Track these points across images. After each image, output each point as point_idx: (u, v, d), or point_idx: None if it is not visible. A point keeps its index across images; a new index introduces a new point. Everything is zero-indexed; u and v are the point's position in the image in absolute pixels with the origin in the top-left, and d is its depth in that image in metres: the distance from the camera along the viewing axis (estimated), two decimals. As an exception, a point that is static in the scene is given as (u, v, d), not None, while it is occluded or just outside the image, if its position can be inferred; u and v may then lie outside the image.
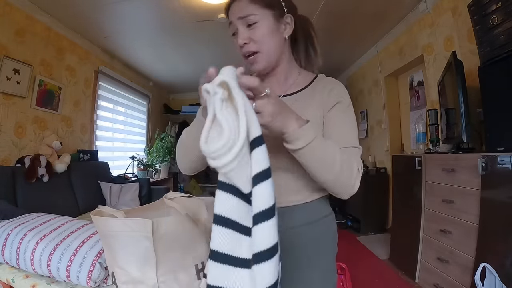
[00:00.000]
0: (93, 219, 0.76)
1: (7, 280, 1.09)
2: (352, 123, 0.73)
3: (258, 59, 0.71)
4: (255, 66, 0.72)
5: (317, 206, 0.75)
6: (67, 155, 2.48)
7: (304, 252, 0.72)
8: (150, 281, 0.76)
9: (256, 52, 0.70)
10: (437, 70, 2.37)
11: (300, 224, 0.73)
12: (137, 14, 2.61)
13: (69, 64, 2.90)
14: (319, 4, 2.46)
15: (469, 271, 1.51)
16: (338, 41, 3.38)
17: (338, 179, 0.61)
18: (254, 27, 0.68)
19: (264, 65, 0.72)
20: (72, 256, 1.00)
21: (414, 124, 2.84)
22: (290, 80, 0.78)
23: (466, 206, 1.58)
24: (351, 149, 0.67)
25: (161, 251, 0.76)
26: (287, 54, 0.77)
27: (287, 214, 0.71)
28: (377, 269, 2.41)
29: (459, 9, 2.12)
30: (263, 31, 0.68)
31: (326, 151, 0.59)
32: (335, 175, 0.60)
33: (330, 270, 0.77)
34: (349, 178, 0.62)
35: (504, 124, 1.43)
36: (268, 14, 0.69)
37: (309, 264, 0.72)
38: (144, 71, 4.34)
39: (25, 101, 2.37)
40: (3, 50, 2.15)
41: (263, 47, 0.69)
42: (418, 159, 2.06)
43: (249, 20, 0.68)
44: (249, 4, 0.68)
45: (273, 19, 0.69)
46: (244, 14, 0.68)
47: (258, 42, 0.69)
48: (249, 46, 0.69)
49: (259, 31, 0.68)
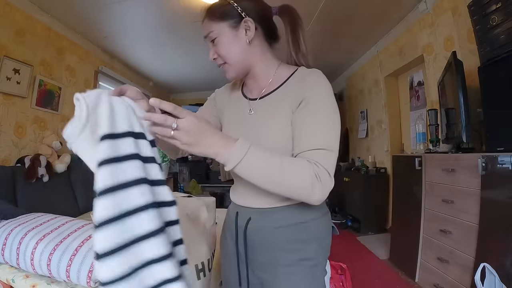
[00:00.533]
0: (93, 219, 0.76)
1: (7, 280, 1.09)
2: (321, 121, 0.65)
3: (227, 69, 0.75)
4: (227, 75, 0.76)
5: (292, 211, 0.72)
6: (67, 155, 2.49)
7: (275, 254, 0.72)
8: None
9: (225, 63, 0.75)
10: (437, 70, 2.37)
11: (276, 226, 0.72)
12: (137, 14, 2.61)
13: (69, 64, 2.90)
14: (319, 5, 2.46)
15: (469, 271, 1.51)
16: (338, 41, 3.38)
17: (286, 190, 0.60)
18: (216, 42, 0.72)
19: (235, 74, 0.76)
20: (72, 256, 1.00)
21: (414, 124, 2.84)
22: (267, 80, 0.77)
23: (466, 206, 1.58)
24: (313, 153, 0.61)
25: None
26: (258, 55, 0.75)
27: (266, 215, 0.73)
28: (377, 269, 2.41)
29: (459, 9, 2.12)
30: (223, 44, 0.72)
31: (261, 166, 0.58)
32: (280, 187, 0.59)
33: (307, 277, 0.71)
34: (301, 189, 0.59)
35: (504, 124, 1.43)
36: (224, 26, 0.71)
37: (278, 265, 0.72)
38: (144, 71, 4.35)
39: (25, 101, 2.37)
40: (3, 50, 2.15)
41: (228, 59, 0.73)
42: (418, 159, 2.06)
43: (211, 37, 0.73)
44: (208, 22, 0.73)
45: (230, 29, 0.71)
46: (206, 32, 0.74)
47: (222, 55, 0.73)
48: (217, 60, 0.75)
49: (220, 45, 0.72)
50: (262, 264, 0.75)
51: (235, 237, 0.79)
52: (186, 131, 0.54)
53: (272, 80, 0.76)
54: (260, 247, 0.74)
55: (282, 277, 0.71)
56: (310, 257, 0.71)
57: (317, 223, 0.73)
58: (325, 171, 0.60)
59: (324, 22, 2.79)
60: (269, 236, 0.73)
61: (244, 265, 0.77)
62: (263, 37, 0.76)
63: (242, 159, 0.56)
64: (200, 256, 0.87)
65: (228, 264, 0.83)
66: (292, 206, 0.71)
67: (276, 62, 0.79)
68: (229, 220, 0.84)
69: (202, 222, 0.93)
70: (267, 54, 0.78)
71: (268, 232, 0.73)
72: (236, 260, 0.79)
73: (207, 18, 0.73)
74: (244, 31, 0.72)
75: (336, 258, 1.71)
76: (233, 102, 0.85)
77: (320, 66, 0.75)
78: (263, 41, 0.76)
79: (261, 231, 0.74)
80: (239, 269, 0.79)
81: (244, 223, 0.76)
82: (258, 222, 0.74)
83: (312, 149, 0.62)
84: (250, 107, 0.78)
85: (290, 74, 0.74)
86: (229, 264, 0.83)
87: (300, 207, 0.71)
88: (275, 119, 0.70)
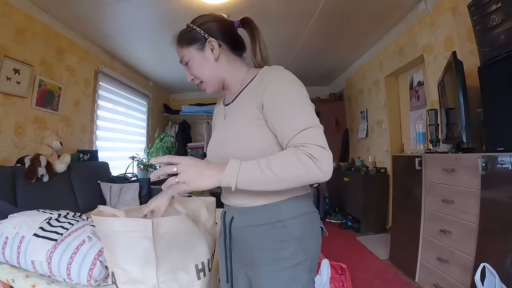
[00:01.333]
0: (93, 219, 0.76)
1: (7, 280, 1.09)
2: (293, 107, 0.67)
3: (204, 86, 0.85)
4: (207, 91, 0.85)
5: (269, 210, 0.73)
6: (67, 155, 2.48)
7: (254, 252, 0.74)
8: (150, 281, 0.76)
9: (201, 82, 0.84)
10: (437, 70, 2.37)
11: (254, 225, 0.74)
12: (137, 14, 2.61)
13: (69, 64, 2.90)
14: (319, 5, 2.47)
15: (469, 271, 1.51)
16: (338, 41, 3.38)
17: (289, 183, 0.62)
18: (189, 65, 0.82)
19: (212, 89, 0.85)
20: (73, 254, 1.00)
21: (414, 124, 2.84)
22: (236, 86, 0.84)
23: (466, 206, 1.58)
24: (298, 137, 0.63)
25: (161, 251, 0.75)
26: (228, 67, 0.83)
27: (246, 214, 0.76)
28: (377, 269, 2.41)
29: (459, 9, 2.12)
30: (195, 66, 0.81)
31: (256, 176, 0.61)
32: (282, 183, 0.61)
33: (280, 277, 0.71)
34: (300, 174, 0.60)
35: (504, 124, 1.43)
36: (192, 50, 0.80)
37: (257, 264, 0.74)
38: (144, 71, 4.35)
39: (25, 101, 2.37)
40: (3, 50, 2.15)
41: (202, 78, 0.82)
42: (418, 159, 2.07)
43: (184, 61, 0.82)
44: (179, 49, 0.82)
45: (197, 51, 0.80)
46: (180, 58, 0.83)
47: (196, 76, 0.83)
48: (194, 80, 0.85)
49: (192, 67, 0.82)
50: (245, 261, 0.79)
51: (223, 234, 0.84)
52: (186, 170, 0.62)
53: (240, 84, 0.83)
54: (242, 245, 0.78)
55: (261, 276, 0.72)
56: (289, 256, 0.71)
57: (295, 222, 0.73)
58: (315, 146, 0.61)
59: (324, 22, 2.80)
60: (248, 235, 0.76)
61: (229, 261, 0.82)
62: (229, 50, 0.83)
63: (238, 177, 0.61)
64: (201, 255, 0.87)
65: (221, 260, 0.88)
66: (270, 205, 0.73)
67: (245, 69, 0.85)
68: (221, 218, 0.89)
69: (202, 222, 0.93)
70: (235, 64, 0.85)
71: (248, 230, 0.76)
72: (224, 257, 0.84)
73: (178, 45, 0.82)
74: (210, 51, 0.80)
75: (336, 258, 1.71)
76: (217, 114, 0.94)
77: (320, 66, 0.77)
78: (230, 54, 0.84)
79: (242, 230, 0.78)
80: (226, 265, 0.84)
81: (228, 221, 0.81)
82: (240, 221, 0.78)
83: (295, 134, 0.64)
84: (225, 113, 0.85)
85: (254, 76, 0.80)
86: (221, 260, 0.88)
87: (276, 206, 0.73)
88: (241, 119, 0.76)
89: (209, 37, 0.79)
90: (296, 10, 2.53)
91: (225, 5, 2.41)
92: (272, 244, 0.72)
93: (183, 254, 0.82)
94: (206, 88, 0.85)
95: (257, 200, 0.73)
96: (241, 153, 0.69)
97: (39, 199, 2.05)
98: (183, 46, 0.81)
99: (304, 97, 0.70)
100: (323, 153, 0.60)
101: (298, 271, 0.72)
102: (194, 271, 0.85)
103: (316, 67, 4.23)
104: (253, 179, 0.61)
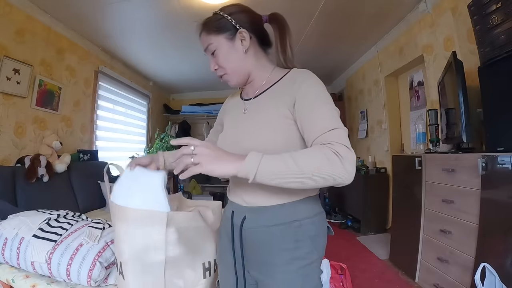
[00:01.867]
0: (110, 205, 0.79)
1: (7, 280, 1.09)
2: (322, 108, 0.68)
3: (228, 78, 0.82)
4: (229, 84, 0.83)
5: (286, 210, 0.73)
6: (67, 155, 2.48)
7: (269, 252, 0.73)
8: (158, 273, 0.76)
9: (225, 74, 0.81)
10: (437, 70, 2.37)
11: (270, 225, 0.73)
12: (137, 14, 2.61)
13: (69, 64, 2.90)
14: (319, 5, 2.46)
15: (469, 271, 1.51)
16: (338, 41, 3.38)
17: (312, 181, 0.59)
18: (215, 54, 0.78)
19: (236, 82, 0.82)
20: (72, 255, 1.00)
21: (414, 124, 2.84)
22: (261, 81, 0.82)
23: (466, 206, 1.58)
24: (325, 136, 0.63)
25: (172, 244, 0.76)
26: (254, 61, 0.81)
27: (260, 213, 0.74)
28: (377, 269, 2.41)
29: (459, 9, 2.12)
30: (222, 56, 0.78)
31: (278, 168, 0.59)
32: (305, 179, 0.59)
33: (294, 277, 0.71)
34: (327, 172, 0.58)
35: (504, 124, 1.43)
36: (221, 38, 0.77)
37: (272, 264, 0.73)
38: (144, 71, 4.35)
39: (25, 101, 2.37)
40: (3, 50, 2.15)
41: (227, 69, 0.79)
42: (418, 159, 2.06)
43: (209, 50, 0.79)
44: (205, 36, 0.79)
45: (226, 41, 0.77)
46: (205, 46, 0.80)
47: (222, 66, 0.79)
48: (218, 71, 0.81)
49: (219, 56, 0.78)
50: (257, 263, 0.75)
51: (231, 236, 0.79)
52: (203, 152, 0.59)
53: (266, 81, 0.81)
54: (255, 246, 0.75)
55: (276, 276, 0.71)
56: (304, 256, 0.71)
57: (311, 222, 0.74)
58: (341, 145, 0.61)
59: (324, 22, 2.79)
60: (262, 235, 0.73)
61: (240, 264, 0.78)
62: (257, 44, 0.82)
63: (259, 167, 0.58)
64: (208, 254, 0.87)
65: (225, 264, 0.83)
66: (286, 205, 0.72)
67: (271, 66, 0.84)
68: (225, 219, 0.84)
69: (210, 224, 0.93)
70: (262, 60, 0.83)
71: (262, 231, 0.73)
72: (233, 260, 0.79)
73: (204, 32, 0.79)
74: (240, 42, 0.77)
75: (336, 258, 1.71)
76: (232, 108, 0.91)
77: (320, 66, 0.78)
78: (258, 48, 0.82)
79: (254, 231, 0.75)
80: (235, 269, 0.79)
81: (239, 222, 0.77)
82: (253, 221, 0.75)
83: (323, 133, 0.64)
84: (245, 107, 0.83)
85: (283, 75, 0.79)
86: (225, 264, 0.82)
87: (293, 206, 0.73)
88: (266, 114, 0.75)
89: (240, 28, 0.77)
90: (296, 10, 2.53)
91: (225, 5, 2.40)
92: (288, 244, 0.71)
93: (192, 251, 0.82)
94: (230, 81, 0.82)
95: (274, 199, 0.72)
96: (260, 147, 0.66)
97: (39, 199, 2.05)
98: (210, 33, 0.78)
99: (332, 102, 0.70)
100: (348, 152, 0.60)
101: (311, 269, 0.72)
102: (201, 269, 0.85)
103: (316, 67, 4.21)
104: (274, 171, 0.59)
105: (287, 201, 0.72)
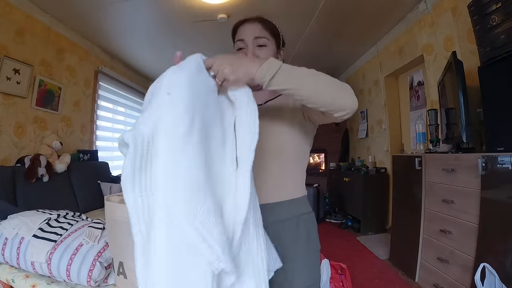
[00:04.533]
0: (106, 205, 0.79)
1: (7, 280, 1.09)
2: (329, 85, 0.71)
3: None
4: None
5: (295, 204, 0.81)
6: (67, 155, 2.49)
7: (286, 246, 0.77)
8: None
9: None
10: (437, 70, 2.37)
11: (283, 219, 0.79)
12: (137, 14, 2.61)
13: (69, 64, 2.90)
14: (319, 4, 2.46)
15: (469, 271, 1.51)
16: (338, 41, 3.38)
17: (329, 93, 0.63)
18: (263, 48, 0.82)
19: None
20: (72, 255, 1.00)
21: (414, 124, 2.84)
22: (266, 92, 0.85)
23: (466, 206, 1.58)
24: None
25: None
26: None
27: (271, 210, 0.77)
28: (377, 269, 2.41)
29: (459, 9, 2.12)
30: (268, 54, 0.82)
31: (299, 71, 0.62)
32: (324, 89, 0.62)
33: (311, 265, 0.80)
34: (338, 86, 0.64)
35: (504, 124, 1.43)
36: (273, 41, 0.84)
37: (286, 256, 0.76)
38: (144, 71, 4.35)
39: (25, 101, 2.37)
40: (3, 50, 2.15)
41: None
42: (418, 159, 2.06)
43: (261, 41, 0.82)
44: (262, 29, 0.83)
45: (275, 47, 0.85)
46: (257, 34, 0.82)
47: None
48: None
49: (266, 53, 0.82)
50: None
51: None
52: (223, 63, 0.61)
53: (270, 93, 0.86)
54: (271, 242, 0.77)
55: (296, 267, 0.76)
56: (314, 245, 0.81)
57: (313, 215, 0.84)
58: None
59: (324, 22, 2.79)
60: (277, 231, 0.76)
61: None
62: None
63: (281, 66, 0.60)
64: None
65: None
66: (296, 200, 0.81)
67: None
68: None
69: None
70: None
71: (276, 226, 0.76)
72: None
73: (262, 25, 0.83)
74: (279, 56, 0.86)
75: (336, 258, 1.71)
76: None
77: (320, 66, 0.79)
78: None
79: (267, 227, 0.73)
80: None
81: None
82: (265, 219, 0.74)
83: None
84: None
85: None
86: None
87: (301, 201, 0.82)
88: (282, 117, 0.80)
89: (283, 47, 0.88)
90: (296, 10, 2.53)
91: (225, 5, 2.41)
92: (301, 235, 0.78)
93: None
94: None
95: (285, 193, 0.79)
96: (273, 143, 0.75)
97: (39, 199, 2.05)
98: (267, 30, 0.83)
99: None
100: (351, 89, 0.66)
101: (318, 257, 0.83)
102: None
103: (316, 67, 4.16)
104: (295, 73, 0.62)
105: (295, 196, 0.81)
